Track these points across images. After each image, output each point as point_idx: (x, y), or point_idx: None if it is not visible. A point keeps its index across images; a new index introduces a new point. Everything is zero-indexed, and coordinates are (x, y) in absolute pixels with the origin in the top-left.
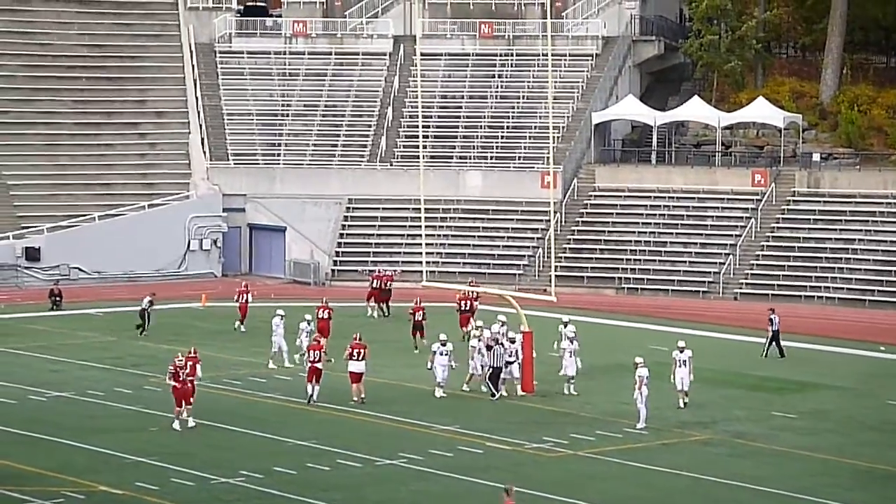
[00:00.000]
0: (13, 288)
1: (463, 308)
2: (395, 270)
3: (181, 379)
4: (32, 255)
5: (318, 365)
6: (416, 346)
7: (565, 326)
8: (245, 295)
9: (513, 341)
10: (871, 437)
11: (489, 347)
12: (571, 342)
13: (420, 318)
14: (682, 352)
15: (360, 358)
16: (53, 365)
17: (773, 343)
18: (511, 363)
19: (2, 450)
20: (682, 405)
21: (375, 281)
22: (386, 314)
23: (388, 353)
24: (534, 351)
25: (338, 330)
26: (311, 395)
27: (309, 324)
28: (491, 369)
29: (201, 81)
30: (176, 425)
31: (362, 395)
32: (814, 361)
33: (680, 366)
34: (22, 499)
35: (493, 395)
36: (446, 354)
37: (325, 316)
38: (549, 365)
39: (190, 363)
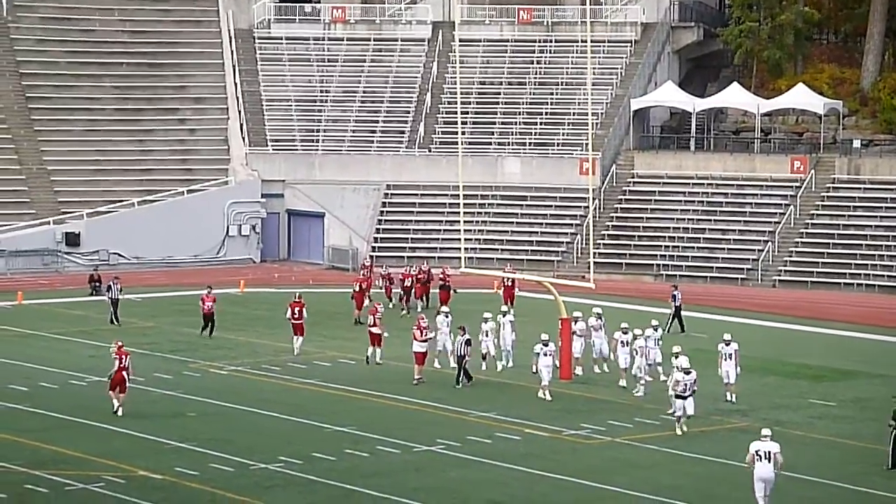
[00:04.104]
0: (53, 273)
1: (406, 284)
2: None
3: (295, 315)
4: (72, 240)
5: (375, 330)
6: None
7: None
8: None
9: (688, 372)
10: None
11: (468, 341)
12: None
13: (388, 285)
14: (727, 345)
15: (423, 339)
16: (93, 350)
17: (675, 318)
18: (685, 397)
19: (44, 434)
20: (730, 398)
21: (408, 279)
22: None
23: None
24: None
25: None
26: (374, 357)
27: (447, 316)
28: (458, 357)
29: (240, 67)
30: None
31: (421, 377)
32: (853, 349)
33: (726, 359)
34: (63, 482)
35: (457, 383)
36: (550, 355)
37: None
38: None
39: (297, 308)
